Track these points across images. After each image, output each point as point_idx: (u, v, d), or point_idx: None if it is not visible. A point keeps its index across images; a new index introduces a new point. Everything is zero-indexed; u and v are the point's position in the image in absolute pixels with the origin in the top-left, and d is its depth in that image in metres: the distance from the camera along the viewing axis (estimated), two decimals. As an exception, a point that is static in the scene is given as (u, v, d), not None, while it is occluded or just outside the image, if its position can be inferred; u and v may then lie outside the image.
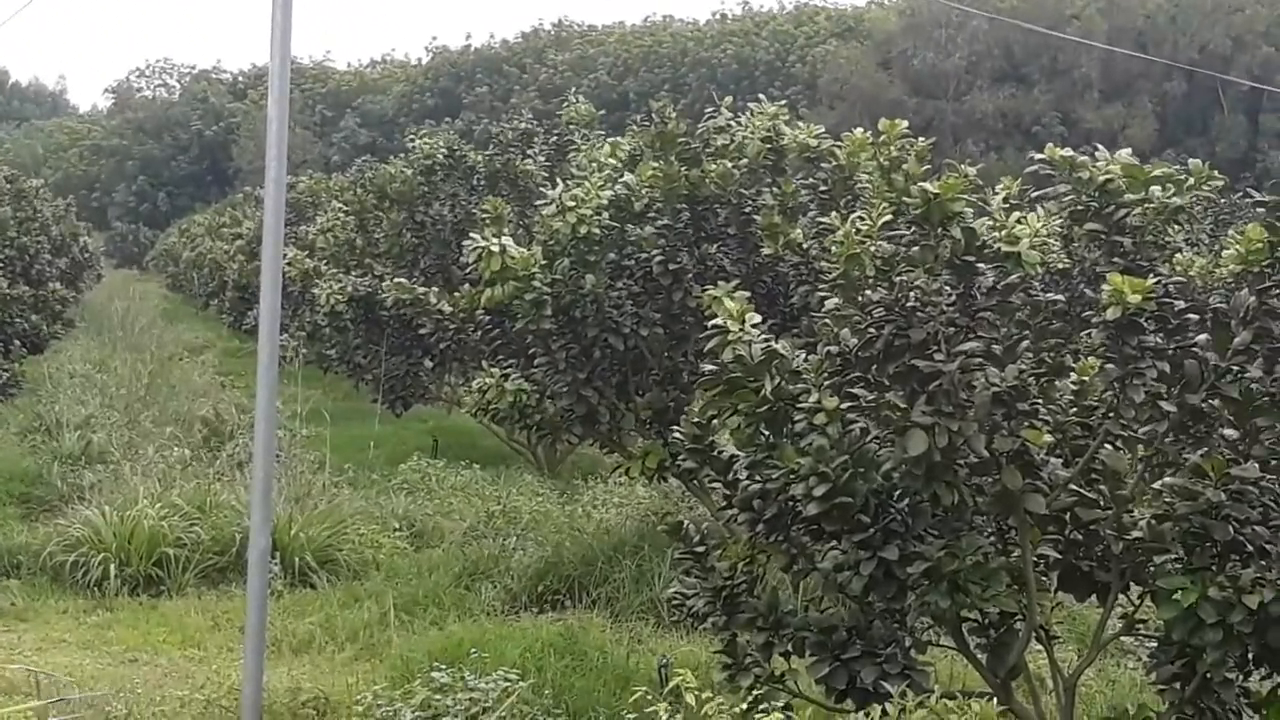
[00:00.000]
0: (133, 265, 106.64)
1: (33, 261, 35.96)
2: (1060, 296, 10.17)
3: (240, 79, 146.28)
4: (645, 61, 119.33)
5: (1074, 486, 8.78)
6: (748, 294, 9.25)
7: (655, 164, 14.91)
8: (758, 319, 9.02)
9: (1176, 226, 10.93)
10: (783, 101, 16.18)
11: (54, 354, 36.65)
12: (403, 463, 21.44)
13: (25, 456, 21.73)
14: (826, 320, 9.01)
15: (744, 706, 8.59)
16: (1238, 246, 8.34)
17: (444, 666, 10.63)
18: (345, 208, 30.51)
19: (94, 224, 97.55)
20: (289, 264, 26.61)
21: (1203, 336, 8.14)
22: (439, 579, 15.22)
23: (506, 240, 14.55)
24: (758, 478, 9.07)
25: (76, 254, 49.47)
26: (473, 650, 11.62)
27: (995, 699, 8.35)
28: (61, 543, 16.12)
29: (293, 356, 26.56)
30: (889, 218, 8.72)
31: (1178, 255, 12.57)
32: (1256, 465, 8.11)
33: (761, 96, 16.00)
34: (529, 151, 24.56)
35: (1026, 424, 8.39)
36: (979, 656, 9.45)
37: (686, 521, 10.00)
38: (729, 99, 16.20)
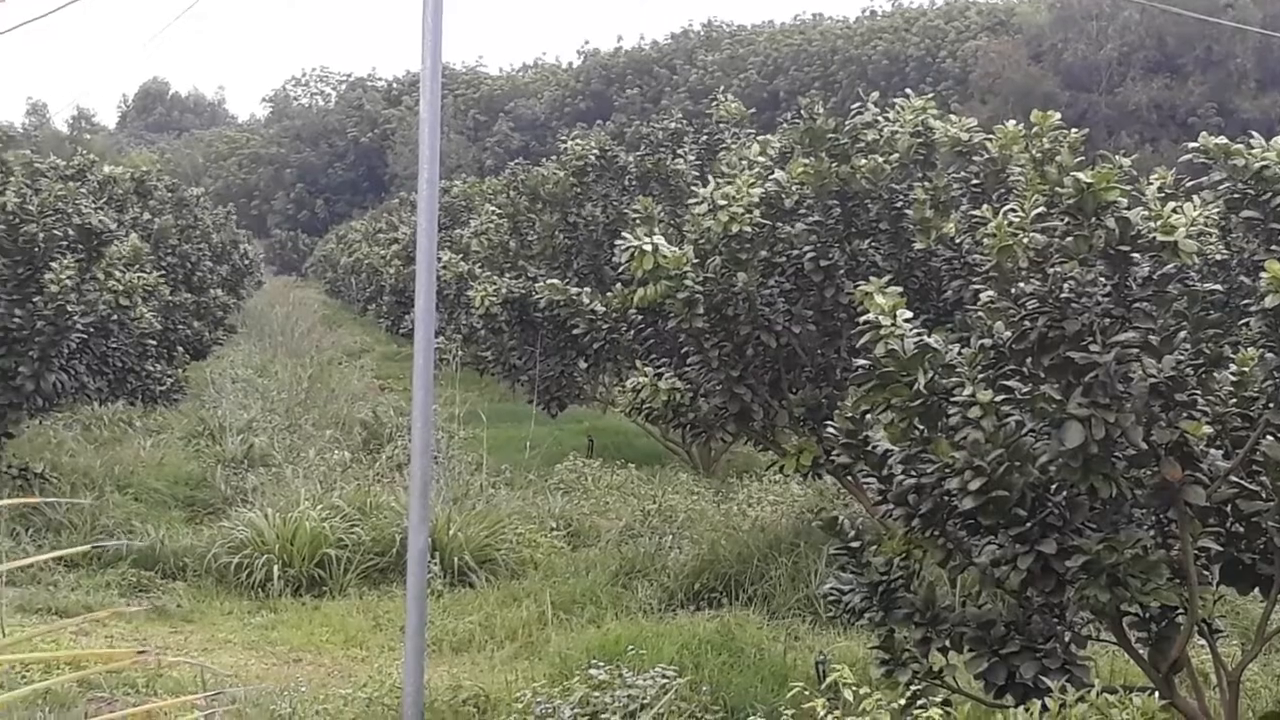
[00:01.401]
0: (291, 271, 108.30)
1: (195, 269, 36.51)
2: (1218, 286, 10.02)
3: (395, 85, 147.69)
4: (795, 60, 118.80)
5: (1235, 478, 8.67)
6: (900, 289, 9.22)
7: (805, 161, 14.87)
8: (910, 314, 8.99)
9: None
10: (932, 96, 16.10)
11: (216, 359, 37.30)
12: (559, 463, 21.60)
13: (190, 460, 22.18)
14: (980, 313, 8.98)
15: (902, 702, 8.58)
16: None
17: (602, 663, 10.71)
18: (499, 211, 30.74)
19: (253, 231, 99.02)
20: (444, 267, 26.85)
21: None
22: (596, 577, 15.31)
23: (658, 239, 14.59)
24: (912, 472, 9.05)
25: (237, 261, 50.18)
26: (630, 647, 11.71)
27: (1157, 694, 8.26)
28: (226, 545, 16.42)
29: (450, 359, 26.84)
30: (1042, 209, 8.65)
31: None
32: None
33: (909, 92, 15.92)
34: (680, 151, 24.58)
35: (1185, 415, 8.30)
36: (1140, 651, 9.35)
37: (841, 517, 9.98)
38: (876, 94, 16.14)
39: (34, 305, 18.55)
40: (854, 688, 8.26)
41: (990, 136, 14.34)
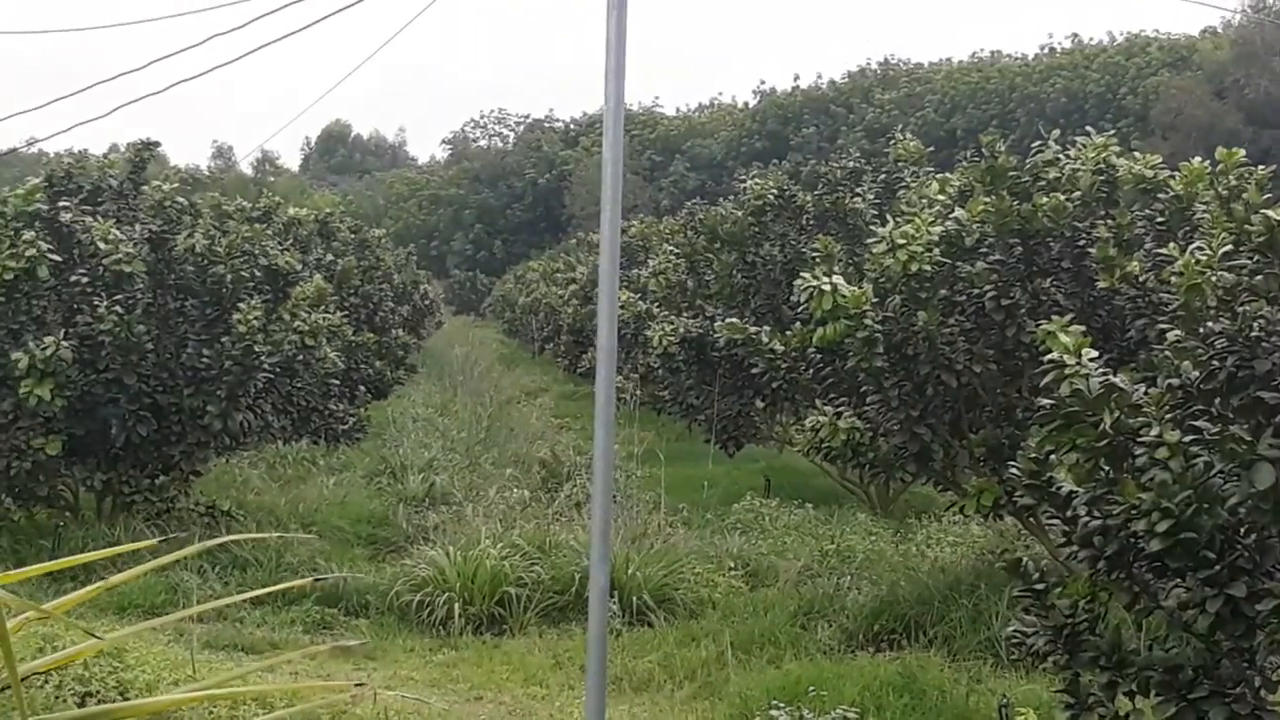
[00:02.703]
0: (470, 311, 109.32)
1: (377, 309, 37.10)
2: None
3: (572, 127, 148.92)
4: (972, 98, 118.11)
5: None
6: (1083, 328, 9.13)
7: (986, 199, 14.78)
8: (1095, 353, 8.90)
9: None
10: (1113, 133, 15.94)
11: (397, 399, 37.77)
12: (736, 502, 21.56)
13: (372, 499, 22.46)
14: (1166, 353, 8.84)
15: (1087, 747, 8.45)
16: None
17: (783, 704, 10.68)
18: (676, 250, 30.86)
19: (433, 272, 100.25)
20: (622, 307, 27.00)
21: None
22: (775, 617, 15.23)
23: (838, 279, 14.57)
24: (1098, 514, 8.92)
25: (418, 301, 50.90)
26: (811, 688, 11.64)
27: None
28: (408, 583, 16.56)
29: (628, 398, 26.95)
30: (1230, 247, 8.53)
31: None
32: None
33: (1090, 129, 15.77)
34: (858, 190, 24.55)
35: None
36: (1334, 697, 9.13)
37: (1025, 559, 9.86)
38: (1057, 132, 16.01)
39: (222, 345, 18.95)
40: (1038, 732, 8.16)
41: (1174, 174, 14.16)
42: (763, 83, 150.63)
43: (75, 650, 2.56)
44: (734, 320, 21.14)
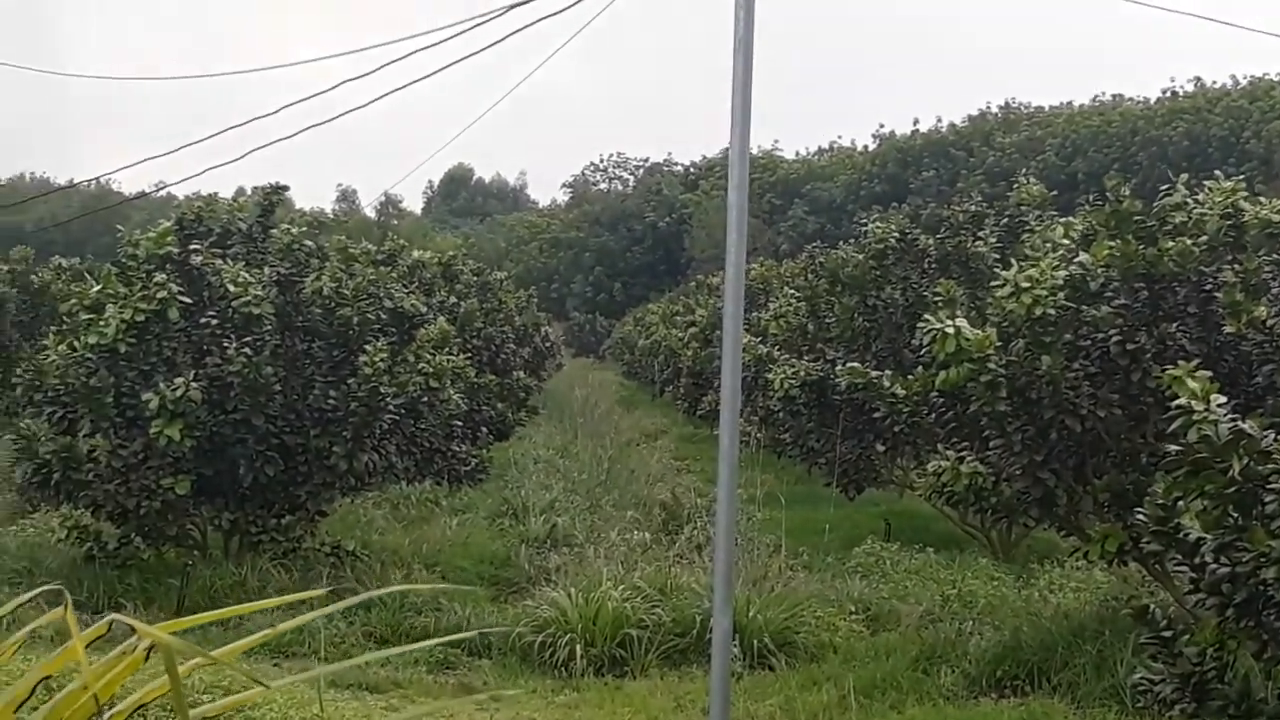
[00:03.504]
0: (590, 354, 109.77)
1: (499, 351, 37.37)
2: None
3: (692, 170, 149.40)
4: (1094, 141, 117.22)
5: None
6: (1209, 373, 9.08)
7: (1111, 243, 14.71)
8: (1223, 399, 8.85)
9: None
10: (1240, 178, 15.82)
11: (519, 440, 37.96)
12: (856, 546, 21.51)
13: (494, 539, 22.59)
14: (1296, 399, 8.79)
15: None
16: None
17: (906, 749, 10.65)
18: (797, 293, 30.88)
19: (553, 314, 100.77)
20: (744, 350, 27.05)
21: None
22: (896, 662, 15.16)
23: (961, 322, 14.56)
24: (1226, 560, 8.86)
25: (538, 343, 51.19)
26: (933, 734, 11.61)
27: None
28: (530, 623, 16.65)
29: (749, 441, 26.96)
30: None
31: None
32: None
33: (1218, 173, 15.67)
34: (980, 233, 24.47)
35: None
36: None
37: (1151, 605, 9.81)
38: (1184, 176, 15.92)
39: (348, 387, 19.18)
40: (1165, 780, 8.10)
41: (1302, 218, 14.05)
42: (882, 126, 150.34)
43: (244, 696, 2.63)
44: (855, 364, 21.10)
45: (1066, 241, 16.04)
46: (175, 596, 17.51)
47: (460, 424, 27.70)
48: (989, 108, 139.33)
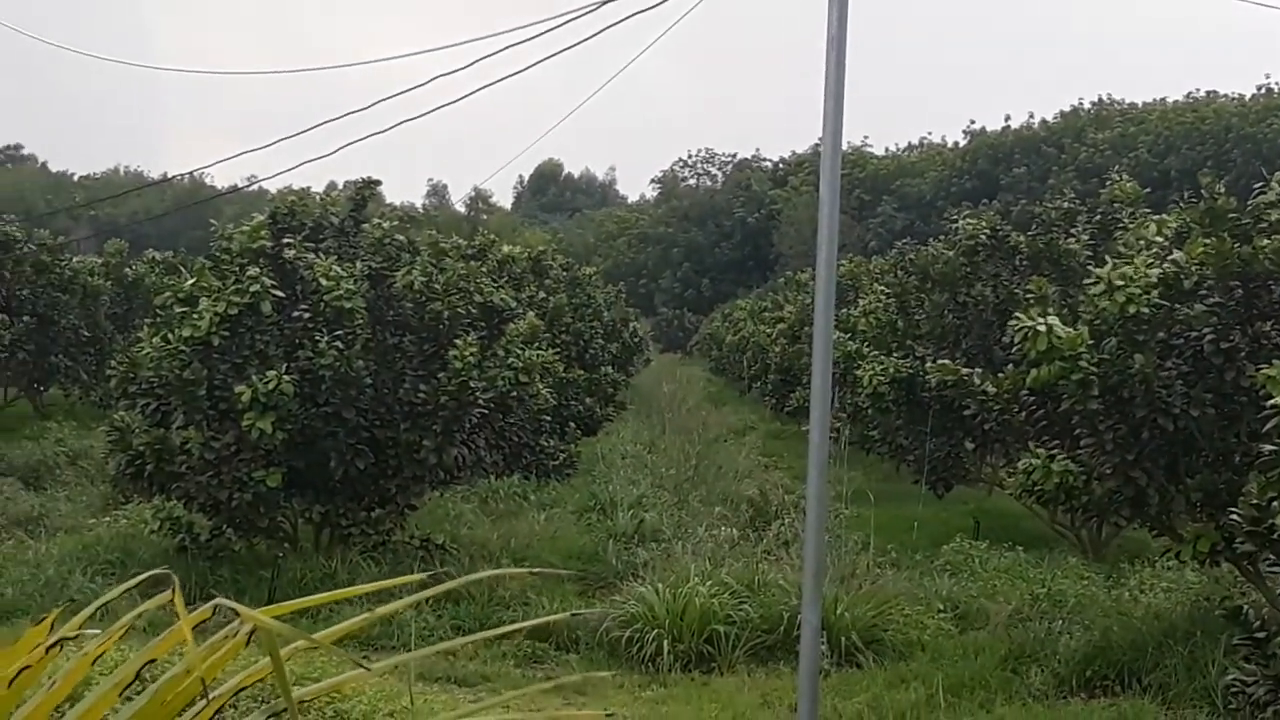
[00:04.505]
0: (677, 349, 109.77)
1: (587, 346, 37.43)
2: None
3: (781, 166, 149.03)
4: (1187, 138, 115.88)
5: None
6: (1307, 372, 9.00)
7: (1205, 241, 14.58)
8: (1319, 397, 8.77)
9: None
10: (1339, 174, 15.64)
11: (606, 435, 38.04)
12: (945, 544, 21.41)
13: (582, 534, 22.62)
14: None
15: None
16: None
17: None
18: (887, 290, 30.79)
19: (641, 309, 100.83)
20: (833, 346, 26.99)
21: None
22: (985, 661, 15.09)
23: (1052, 320, 14.47)
24: (1321, 561, 8.79)
25: (626, 339, 51.20)
26: (1023, 733, 11.55)
27: None
28: (618, 619, 16.68)
29: (838, 438, 26.92)
30: None
31: None
32: None
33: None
34: (1072, 231, 24.31)
35: None
36: None
37: (1245, 606, 9.73)
38: (1279, 174, 15.76)
39: (438, 381, 19.27)
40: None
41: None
42: (973, 122, 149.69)
43: (341, 679, 2.66)
44: (945, 361, 21.00)
45: (1160, 239, 15.91)
46: (266, 588, 17.67)
47: (549, 419, 27.82)
48: (1081, 104, 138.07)
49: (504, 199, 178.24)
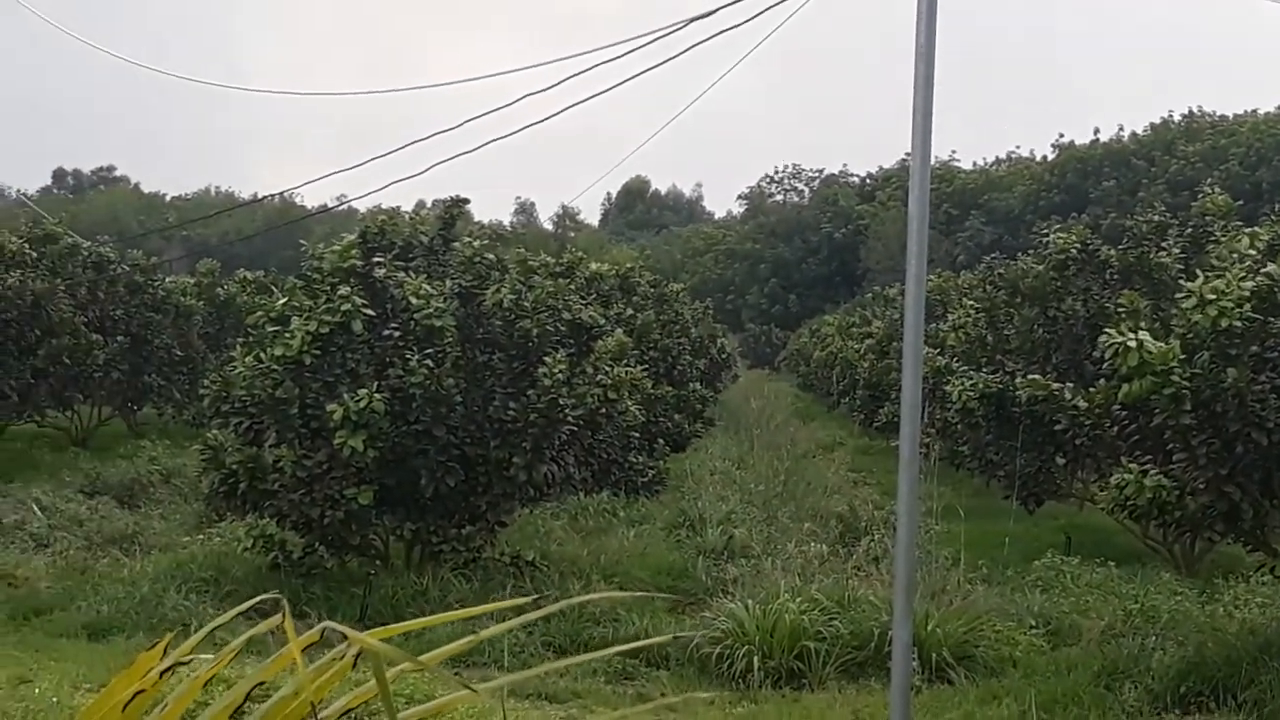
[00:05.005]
0: (764, 365, 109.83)
1: (675, 362, 37.50)
2: None
3: (868, 181, 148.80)
4: (1279, 150, 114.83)
5: None
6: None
7: (1298, 254, 14.47)
8: None
9: None
10: None
11: (694, 451, 38.05)
12: (1036, 559, 21.28)
13: (671, 551, 22.65)
14: None
15: None
16: None
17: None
18: (976, 304, 30.70)
19: (729, 325, 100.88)
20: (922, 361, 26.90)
21: None
22: (1078, 677, 14.99)
23: (1144, 334, 14.39)
24: None
25: (714, 355, 51.29)
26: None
27: None
28: (707, 635, 16.68)
29: (928, 453, 26.84)
30: None
31: None
32: None
33: None
34: (1163, 244, 24.16)
35: None
36: None
37: (1341, 622, 9.64)
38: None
39: (528, 399, 19.35)
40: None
41: None
42: (1061, 135, 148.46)
43: (447, 700, 2.70)
44: (1036, 376, 20.91)
45: (1252, 252, 15.79)
46: (358, 605, 17.79)
47: (637, 435, 27.89)
48: (1171, 116, 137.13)
49: (591, 216, 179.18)
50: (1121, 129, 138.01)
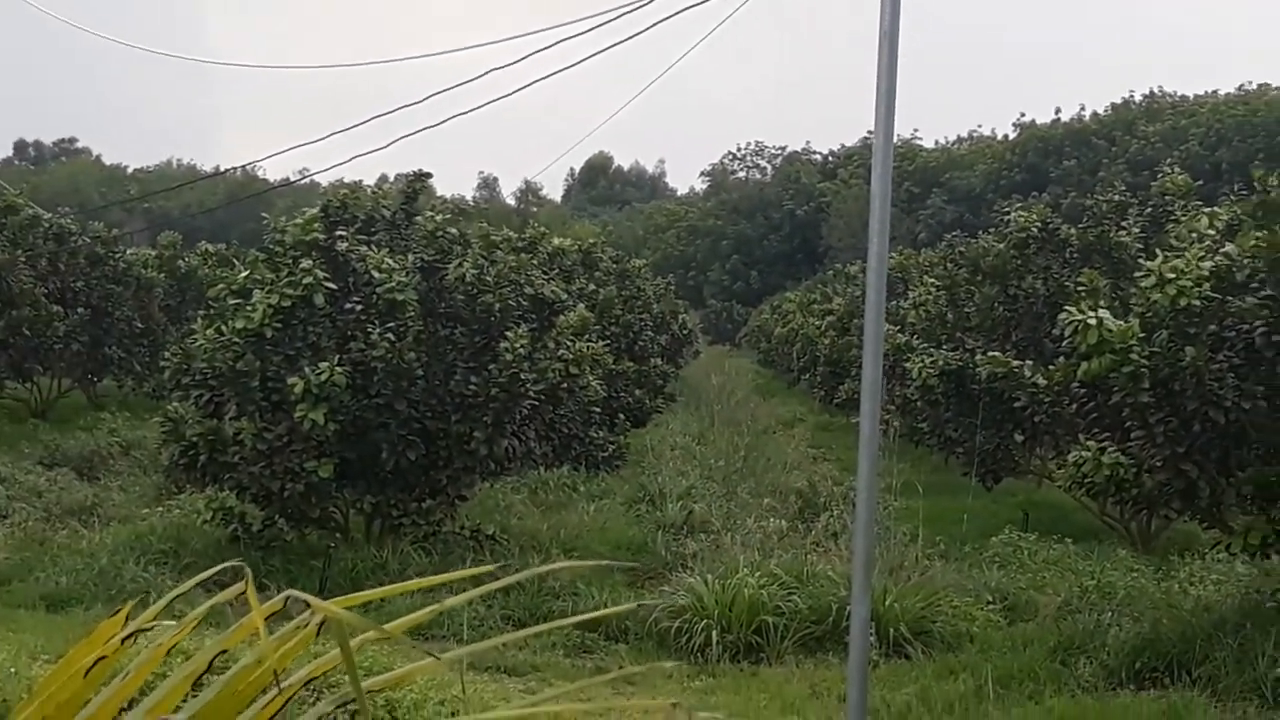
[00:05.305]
0: (725, 341, 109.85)
1: (636, 338, 37.47)
2: None
3: (830, 159, 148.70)
4: (1239, 131, 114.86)
5: None
6: (1359, 366, 8.99)
7: (1257, 233, 14.53)
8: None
9: None
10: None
11: (655, 427, 38.08)
12: (994, 536, 21.38)
13: (631, 525, 22.70)
14: None
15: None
16: None
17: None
18: (936, 282, 30.79)
19: (690, 301, 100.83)
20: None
21: None
22: (1034, 653, 15.08)
23: (1103, 313, 14.46)
24: (1372, 555, 8.78)
25: (675, 331, 51.26)
26: (1072, 725, 11.55)
27: None
28: (666, 609, 16.73)
29: (887, 430, 26.92)
30: None
31: None
32: None
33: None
34: (1123, 224, 24.27)
35: None
36: None
37: (1295, 599, 9.72)
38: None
39: (489, 373, 19.35)
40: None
41: None
42: (1023, 115, 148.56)
43: (409, 670, 2.72)
44: (996, 354, 21.00)
45: (1211, 232, 15.87)
46: (318, 578, 17.78)
47: (598, 410, 27.91)
48: (1132, 96, 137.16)
49: (554, 192, 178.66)
50: (1083, 109, 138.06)
